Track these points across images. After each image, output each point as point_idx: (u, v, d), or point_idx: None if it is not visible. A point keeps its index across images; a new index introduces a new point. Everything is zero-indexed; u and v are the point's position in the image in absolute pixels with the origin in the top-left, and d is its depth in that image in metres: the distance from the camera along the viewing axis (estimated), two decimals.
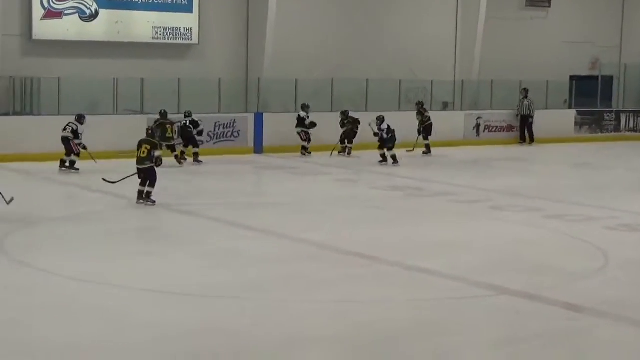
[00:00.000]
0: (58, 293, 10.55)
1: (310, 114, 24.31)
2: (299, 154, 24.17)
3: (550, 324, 9.65)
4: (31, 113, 22.39)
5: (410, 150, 24.98)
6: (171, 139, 21.52)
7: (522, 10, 32.24)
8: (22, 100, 22.71)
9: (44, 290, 10.72)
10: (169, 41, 25.51)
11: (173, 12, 25.42)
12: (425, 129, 25.53)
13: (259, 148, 24.66)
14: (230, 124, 24.40)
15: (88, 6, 24.22)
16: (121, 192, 17.42)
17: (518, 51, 31.33)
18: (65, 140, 20.18)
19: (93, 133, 21.58)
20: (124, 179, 16.91)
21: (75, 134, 20.20)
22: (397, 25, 29.42)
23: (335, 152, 24.41)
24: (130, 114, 23.22)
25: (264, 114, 25.00)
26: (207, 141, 23.74)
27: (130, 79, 23.41)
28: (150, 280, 11.07)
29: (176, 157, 21.69)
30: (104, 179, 17.37)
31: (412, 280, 11.52)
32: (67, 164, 20.21)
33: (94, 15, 24.34)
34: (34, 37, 23.57)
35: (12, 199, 14.61)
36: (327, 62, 27.35)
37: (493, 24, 30.58)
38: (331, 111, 26.02)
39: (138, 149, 16.39)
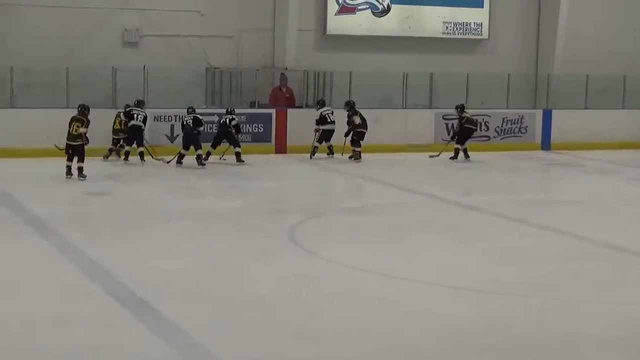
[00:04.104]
0: (344, 282, 10.69)
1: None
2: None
3: None
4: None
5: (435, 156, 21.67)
6: (119, 131, 19.83)
7: None
8: (315, 93, 23.26)
9: (331, 279, 10.90)
10: (459, 36, 25.39)
11: (464, 7, 25.27)
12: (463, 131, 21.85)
13: (546, 145, 24.14)
14: (517, 119, 24.03)
15: (380, 2, 24.52)
16: (412, 186, 17.59)
17: None
18: (137, 129, 19.55)
19: (383, 126, 21.98)
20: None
21: (146, 121, 19.70)
22: None
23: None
24: (417, 108, 23.33)
25: (553, 111, 24.45)
26: (494, 137, 23.49)
27: (420, 74, 23.49)
28: (433, 274, 11.03)
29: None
30: (55, 145, 17.56)
31: None
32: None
33: (385, 11, 24.62)
34: (327, 32, 24.11)
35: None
36: (620, 58, 26.31)
37: None
38: (622, 108, 25.17)
39: (70, 126, 16.95)
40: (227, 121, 19.70)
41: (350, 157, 20.83)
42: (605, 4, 26.82)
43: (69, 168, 16.91)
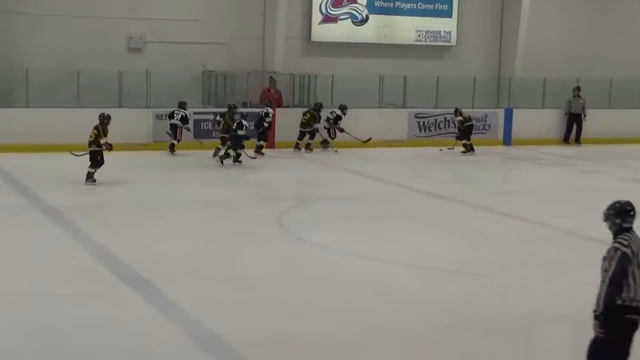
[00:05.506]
0: (327, 264, 10.62)
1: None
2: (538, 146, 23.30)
3: None
4: (307, 106, 22.72)
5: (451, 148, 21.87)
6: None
7: None
8: (300, 94, 23.15)
9: (315, 261, 10.82)
10: (430, 43, 25.27)
11: (434, 17, 25.13)
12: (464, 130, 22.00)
13: (507, 140, 24.13)
14: (482, 118, 23.96)
15: (360, 12, 24.39)
16: (388, 177, 17.51)
17: None
18: (173, 126, 19.92)
19: (360, 123, 21.90)
20: (83, 154, 16.03)
21: (185, 120, 20.05)
22: None
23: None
24: (392, 107, 23.27)
25: (514, 110, 24.44)
26: None
27: (394, 77, 23.42)
28: (409, 256, 10.97)
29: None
30: (71, 153, 16.63)
31: None
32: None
33: (364, 20, 24.48)
34: (312, 39, 23.97)
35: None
36: (573, 64, 26.21)
37: None
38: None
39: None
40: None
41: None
42: (562, 17, 26.66)
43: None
